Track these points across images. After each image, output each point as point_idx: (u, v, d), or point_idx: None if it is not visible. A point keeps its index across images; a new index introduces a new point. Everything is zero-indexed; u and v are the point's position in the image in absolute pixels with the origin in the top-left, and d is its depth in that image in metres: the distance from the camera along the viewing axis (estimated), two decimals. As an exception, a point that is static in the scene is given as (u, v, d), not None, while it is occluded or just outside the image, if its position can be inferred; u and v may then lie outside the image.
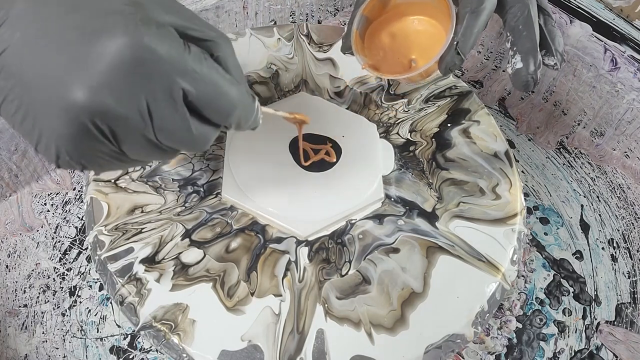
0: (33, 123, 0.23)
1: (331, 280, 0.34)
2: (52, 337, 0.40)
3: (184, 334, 0.31)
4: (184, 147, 0.26)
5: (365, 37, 0.41)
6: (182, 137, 0.25)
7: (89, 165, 0.25)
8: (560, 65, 0.37)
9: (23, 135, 0.24)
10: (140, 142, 0.24)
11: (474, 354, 0.40)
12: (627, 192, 0.50)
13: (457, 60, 0.36)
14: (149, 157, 0.26)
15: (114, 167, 0.26)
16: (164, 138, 0.25)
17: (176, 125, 0.24)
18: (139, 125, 0.23)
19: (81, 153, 0.24)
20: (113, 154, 0.24)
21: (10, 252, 0.44)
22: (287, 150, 0.40)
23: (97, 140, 0.23)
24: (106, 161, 0.25)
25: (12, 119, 0.23)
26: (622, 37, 0.47)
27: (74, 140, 0.23)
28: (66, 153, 0.23)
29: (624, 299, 0.44)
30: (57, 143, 0.23)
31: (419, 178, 0.40)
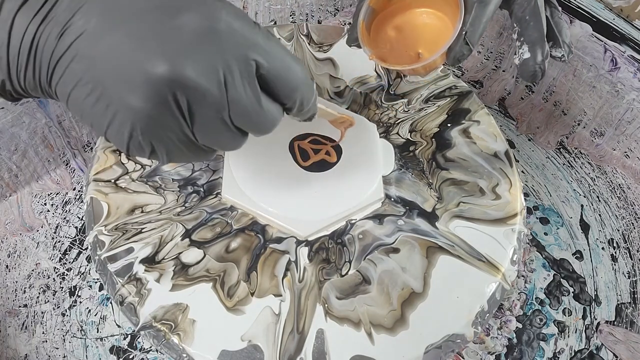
0: (108, 103, 0.23)
1: (331, 280, 0.34)
2: (52, 337, 0.40)
3: (184, 334, 0.31)
4: (253, 127, 0.26)
5: (372, 29, 0.41)
6: (253, 114, 0.25)
7: (158, 148, 0.25)
8: (567, 57, 0.36)
9: (93, 122, 0.24)
10: (213, 122, 0.24)
11: (474, 354, 0.40)
12: (627, 192, 0.50)
13: (465, 51, 0.36)
14: (218, 143, 0.26)
15: (181, 156, 0.26)
16: (236, 115, 0.25)
17: (248, 98, 0.25)
18: (215, 97, 0.23)
19: (154, 132, 0.24)
20: (184, 136, 0.25)
21: (10, 252, 0.44)
22: (287, 150, 0.40)
23: (172, 116, 0.23)
24: (175, 145, 0.25)
25: (83, 103, 0.23)
26: (622, 37, 0.46)
27: (150, 115, 0.23)
28: (140, 131, 0.23)
29: (624, 299, 0.44)
30: (133, 120, 0.23)
31: (419, 178, 0.40)
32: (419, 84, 0.47)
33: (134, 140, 0.24)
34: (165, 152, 0.25)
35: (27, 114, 0.44)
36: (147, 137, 0.24)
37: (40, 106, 0.44)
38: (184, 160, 0.27)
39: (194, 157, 0.27)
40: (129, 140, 0.24)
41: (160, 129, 0.24)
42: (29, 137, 0.45)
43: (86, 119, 0.24)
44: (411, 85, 0.46)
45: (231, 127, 0.25)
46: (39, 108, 0.44)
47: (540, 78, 0.36)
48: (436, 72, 0.48)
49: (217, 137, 0.26)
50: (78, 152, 0.49)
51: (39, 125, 0.45)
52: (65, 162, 0.49)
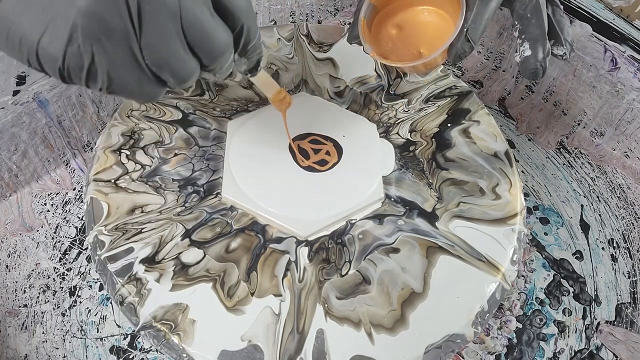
0: (45, 6, 0.21)
1: (331, 280, 0.34)
2: (52, 337, 0.40)
3: (184, 334, 0.31)
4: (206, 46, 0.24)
5: (373, 26, 0.41)
6: (206, 26, 0.24)
7: (99, 60, 0.22)
8: (569, 55, 0.36)
9: (24, 33, 0.22)
10: (163, 31, 0.23)
11: (474, 354, 0.40)
12: (627, 192, 0.50)
13: (467, 48, 0.36)
14: (167, 64, 0.24)
15: (123, 78, 0.23)
16: (189, 26, 0.23)
17: (201, 8, 0.23)
18: (168, 0, 0.22)
19: (97, 34, 0.21)
20: (128, 48, 0.22)
21: (10, 252, 0.44)
22: (287, 150, 0.40)
23: (120, 16, 0.21)
24: (119, 59, 0.22)
25: (12, 14, 0.21)
26: (622, 37, 0.46)
27: (95, 12, 0.21)
28: (81, 32, 0.21)
29: (624, 299, 0.44)
30: (75, 18, 0.21)
31: (419, 178, 0.40)
32: (419, 84, 0.47)
33: (73, 44, 0.21)
34: (106, 66, 0.22)
35: (27, 114, 0.44)
36: (88, 40, 0.21)
37: (41, 106, 0.44)
38: (126, 90, 0.24)
39: (137, 85, 0.24)
40: (66, 46, 0.21)
41: (105, 32, 0.21)
42: (29, 137, 0.45)
43: (14, 33, 0.22)
44: (411, 85, 0.46)
45: (183, 40, 0.23)
46: (39, 108, 0.44)
47: (542, 76, 0.36)
48: (436, 72, 0.48)
49: (167, 52, 0.23)
50: (78, 152, 0.49)
51: (39, 125, 0.45)
52: (65, 162, 0.49)
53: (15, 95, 0.42)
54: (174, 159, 0.40)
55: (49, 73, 0.23)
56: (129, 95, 0.25)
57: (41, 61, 0.22)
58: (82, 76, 0.23)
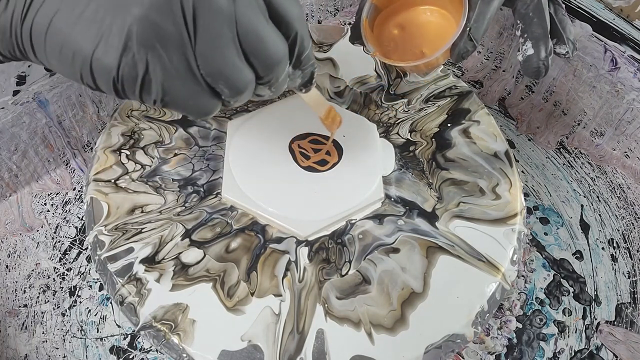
0: (100, 17, 0.21)
1: (331, 280, 0.34)
2: (52, 337, 0.40)
3: (184, 334, 0.31)
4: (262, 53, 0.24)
5: (375, 26, 0.41)
6: (262, 34, 0.23)
7: (154, 70, 0.22)
8: (572, 54, 0.36)
9: (78, 45, 0.22)
10: (218, 39, 0.22)
11: (474, 354, 0.40)
12: (627, 192, 0.50)
13: (470, 47, 0.36)
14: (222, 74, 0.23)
15: (177, 89, 0.23)
16: (244, 34, 0.23)
17: (256, 16, 0.23)
18: (223, 7, 0.22)
19: (152, 42, 0.21)
20: (183, 58, 0.22)
21: (10, 252, 0.44)
22: (287, 150, 0.40)
23: (175, 24, 0.21)
24: (173, 69, 0.22)
25: (66, 27, 0.21)
26: (622, 37, 0.46)
27: (150, 19, 0.21)
28: (136, 40, 0.21)
29: (624, 299, 0.44)
30: (130, 25, 0.21)
31: (419, 178, 0.40)
32: (419, 84, 0.47)
33: (128, 53, 0.21)
34: (160, 76, 0.22)
35: (27, 114, 0.44)
36: (143, 48, 0.21)
37: (41, 106, 0.44)
38: (180, 102, 0.24)
39: (191, 97, 0.24)
40: (121, 55, 0.21)
41: (160, 39, 0.21)
42: (29, 137, 0.45)
43: (67, 48, 0.22)
44: (411, 85, 0.46)
45: (239, 49, 0.23)
46: (39, 108, 0.44)
47: (544, 75, 0.36)
48: (436, 72, 0.48)
49: (223, 62, 0.23)
50: (78, 152, 0.49)
51: (39, 125, 0.45)
52: (65, 162, 0.49)
53: (15, 95, 0.42)
54: (174, 159, 0.40)
55: (102, 87, 0.23)
56: (183, 109, 0.24)
57: (95, 74, 0.22)
58: (136, 88, 0.22)
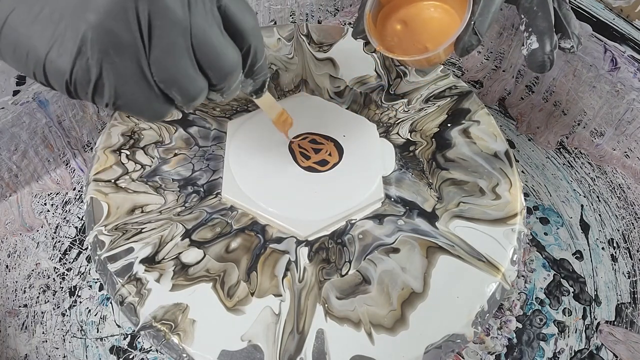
0: (56, 18, 0.21)
1: (331, 280, 0.34)
2: (52, 337, 0.40)
3: (184, 334, 0.31)
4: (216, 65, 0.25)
5: (378, 21, 0.41)
6: (216, 45, 0.24)
7: (107, 75, 0.22)
8: (577, 48, 0.36)
9: (32, 45, 0.22)
10: (173, 48, 0.23)
11: (474, 354, 0.40)
12: (627, 192, 0.50)
13: (474, 41, 0.36)
14: (176, 82, 0.24)
15: (130, 94, 0.23)
16: (199, 44, 0.23)
17: (211, 27, 0.23)
18: (179, 17, 0.22)
19: (106, 48, 0.21)
20: (137, 64, 0.22)
21: (10, 252, 0.44)
22: (287, 150, 0.40)
23: (129, 31, 0.21)
24: (127, 76, 0.22)
25: (21, 26, 0.21)
26: (622, 37, 0.46)
27: (105, 26, 0.21)
28: (90, 45, 0.21)
29: (624, 299, 0.44)
30: (85, 31, 0.21)
31: (419, 178, 0.40)
32: (419, 84, 0.47)
33: (81, 58, 0.21)
34: (113, 81, 0.22)
35: (27, 114, 0.44)
36: (97, 54, 0.21)
37: (41, 106, 0.44)
38: (133, 106, 0.24)
39: (144, 102, 0.24)
40: (75, 59, 0.21)
41: (114, 46, 0.21)
42: (29, 137, 0.45)
43: (22, 47, 0.22)
44: (411, 85, 0.46)
45: (193, 58, 0.23)
46: (39, 108, 0.44)
47: (549, 69, 0.35)
48: (436, 72, 0.48)
49: (176, 70, 0.23)
50: (78, 152, 0.49)
51: (39, 125, 0.45)
52: (65, 162, 0.49)
53: (15, 95, 0.42)
54: (174, 159, 0.40)
55: (55, 87, 0.23)
56: (136, 113, 0.25)
57: (48, 75, 0.22)
58: (88, 90, 0.23)
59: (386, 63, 0.47)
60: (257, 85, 0.30)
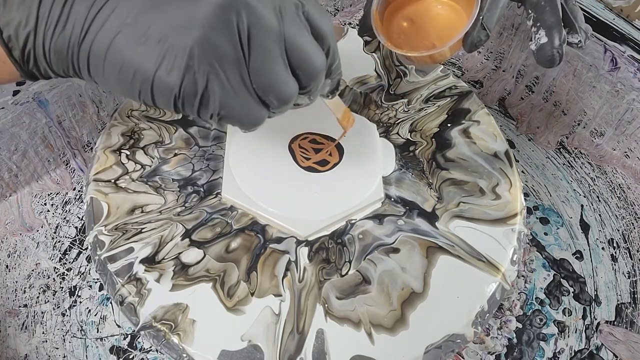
0: (159, 38, 0.22)
1: (331, 280, 0.34)
2: (52, 337, 0.40)
3: (184, 334, 0.31)
4: (308, 66, 0.26)
5: (384, 18, 0.41)
6: (307, 48, 0.25)
7: (212, 87, 0.23)
8: (584, 43, 0.36)
9: (139, 66, 0.23)
10: (269, 53, 0.24)
11: (474, 354, 0.40)
12: (627, 192, 0.50)
13: (483, 36, 0.36)
14: (271, 86, 0.25)
15: (233, 102, 0.24)
16: (291, 49, 0.25)
17: (301, 32, 0.25)
18: (273, 25, 0.24)
19: (212, 60, 0.23)
20: (238, 73, 0.24)
21: (10, 252, 0.44)
22: (287, 150, 0.40)
23: (231, 42, 0.23)
24: (230, 84, 0.24)
25: (127, 48, 0.23)
26: (622, 37, 0.46)
27: (209, 39, 0.22)
28: (197, 59, 0.22)
29: (624, 299, 0.44)
30: (191, 47, 0.22)
31: (419, 178, 0.40)
32: (419, 84, 0.47)
33: (189, 72, 0.23)
34: (218, 92, 0.24)
35: (27, 114, 0.44)
36: (203, 67, 0.23)
37: (41, 106, 0.44)
38: (235, 115, 0.25)
39: (245, 110, 0.25)
40: (184, 74, 0.23)
41: (218, 58, 0.23)
42: (29, 137, 0.45)
43: (128, 68, 0.23)
44: (411, 85, 0.46)
45: (287, 62, 0.25)
46: (39, 108, 0.44)
47: (558, 63, 0.35)
48: (436, 72, 0.48)
49: (273, 75, 0.25)
50: (78, 152, 0.49)
51: (39, 125, 0.45)
52: (65, 162, 0.49)
53: (15, 95, 0.42)
54: (174, 159, 0.40)
55: (160, 104, 0.24)
56: (237, 121, 0.26)
57: (155, 92, 0.24)
58: (195, 103, 0.24)
59: (386, 63, 0.47)
60: (334, 85, 0.31)
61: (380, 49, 0.48)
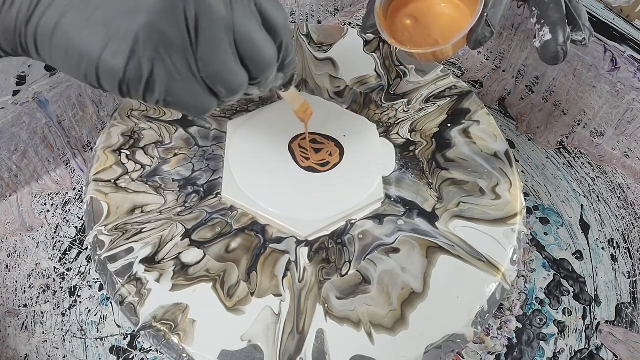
0: (106, 21, 0.22)
1: (331, 280, 0.34)
2: (52, 337, 0.40)
3: (184, 334, 0.31)
4: (257, 58, 0.26)
5: (388, 15, 0.40)
6: (257, 40, 0.25)
7: (158, 73, 0.23)
8: (589, 40, 0.36)
9: (84, 49, 0.22)
10: (218, 44, 0.24)
11: (474, 354, 0.40)
12: (627, 192, 0.50)
13: (487, 33, 0.36)
14: (220, 76, 0.25)
15: (179, 90, 0.24)
16: (241, 40, 0.25)
17: (251, 23, 0.25)
18: (222, 14, 0.23)
19: (157, 47, 0.22)
20: (185, 61, 0.23)
21: (10, 252, 0.44)
22: (287, 151, 0.40)
23: (178, 29, 0.22)
24: (176, 72, 0.23)
25: (73, 31, 0.22)
26: (622, 37, 0.46)
27: (155, 25, 0.22)
28: (142, 45, 0.22)
29: (624, 299, 0.44)
30: (137, 32, 0.22)
31: (419, 178, 0.40)
32: (419, 84, 0.47)
33: (134, 57, 0.22)
34: (164, 78, 0.23)
35: (27, 114, 0.44)
36: (149, 53, 0.22)
37: (41, 106, 0.44)
38: (182, 102, 0.25)
39: (192, 97, 0.25)
40: (128, 59, 0.22)
41: (164, 44, 0.23)
42: (29, 137, 0.45)
43: (74, 50, 0.23)
44: (411, 85, 0.46)
45: (236, 53, 0.25)
46: (39, 108, 0.44)
47: (563, 60, 0.35)
48: (436, 72, 0.48)
49: (221, 65, 0.24)
50: (78, 152, 0.49)
51: (39, 125, 0.45)
52: (65, 162, 0.49)
53: (15, 95, 0.42)
54: (174, 159, 0.40)
55: (106, 87, 0.24)
56: (184, 108, 0.26)
57: (100, 76, 0.23)
58: (140, 88, 0.24)
59: (386, 63, 0.48)
60: (287, 79, 0.31)
61: (380, 49, 0.48)
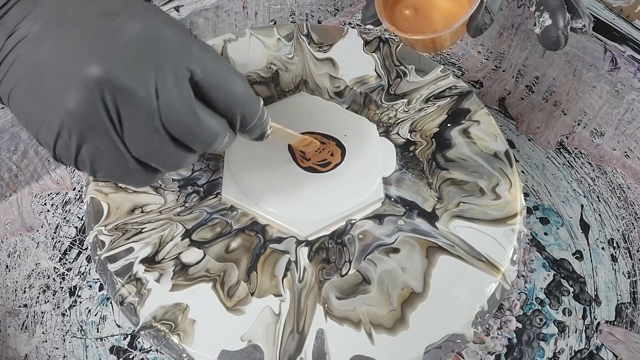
0: (42, 101, 0.23)
1: (331, 280, 0.34)
2: (52, 337, 0.40)
3: (184, 334, 0.31)
4: (191, 137, 0.26)
5: (388, 6, 0.40)
6: (187, 121, 0.25)
7: (85, 152, 0.24)
8: (589, 27, 0.36)
9: (28, 121, 0.24)
10: (144, 128, 0.24)
11: (474, 354, 0.40)
12: (627, 192, 0.50)
13: (487, 19, 0.36)
14: (154, 156, 0.25)
15: (108, 167, 0.25)
16: (169, 122, 0.24)
17: (181, 104, 0.24)
18: (144, 100, 0.23)
19: (82, 132, 0.23)
20: (111, 143, 0.24)
21: (10, 252, 0.44)
22: (287, 151, 0.40)
23: (100, 118, 0.23)
24: (102, 153, 0.24)
25: (21, 102, 0.24)
26: (622, 37, 0.46)
27: (78, 114, 0.23)
28: (67, 130, 0.23)
29: (624, 299, 0.44)
30: (63, 117, 0.23)
31: (419, 178, 0.40)
32: (419, 84, 0.47)
33: (62, 138, 0.24)
34: (91, 158, 0.25)
35: (27, 114, 0.44)
36: (75, 137, 0.24)
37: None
38: (114, 177, 0.26)
39: (126, 174, 0.26)
40: (56, 138, 0.24)
41: (89, 129, 0.24)
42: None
43: (22, 119, 0.25)
44: (411, 85, 0.46)
45: (165, 136, 0.25)
46: (39, 108, 0.44)
47: (564, 45, 0.35)
48: (436, 72, 0.47)
49: (151, 147, 0.25)
50: (78, 152, 0.49)
51: (39, 125, 0.45)
52: (65, 162, 0.49)
53: (15, 95, 0.42)
54: (174, 159, 0.40)
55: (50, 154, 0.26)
56: (119, 182, 0.28)
57: (41, 144, 0.25)
58: (71, 163, 0.25)
59: (386, 63, 0.48)
60: (255, 137, 0.30)
61: (380, 49, 0.48)
